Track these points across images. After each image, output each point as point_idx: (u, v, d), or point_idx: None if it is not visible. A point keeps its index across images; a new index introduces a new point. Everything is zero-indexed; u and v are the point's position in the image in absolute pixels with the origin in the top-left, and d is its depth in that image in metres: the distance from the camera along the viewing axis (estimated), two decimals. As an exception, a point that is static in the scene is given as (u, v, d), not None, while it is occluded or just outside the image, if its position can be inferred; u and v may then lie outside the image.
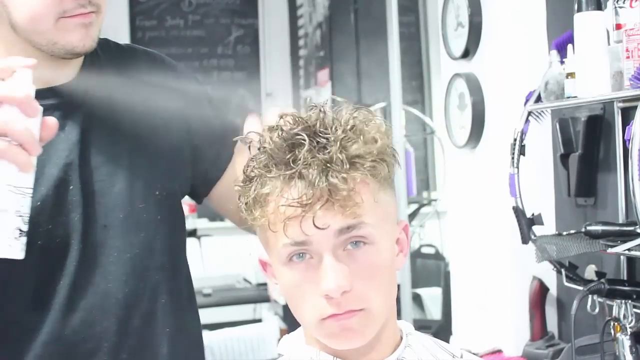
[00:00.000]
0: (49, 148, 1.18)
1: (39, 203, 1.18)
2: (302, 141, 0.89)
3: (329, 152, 0.88)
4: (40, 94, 1.15)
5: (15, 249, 1.04)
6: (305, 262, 0.91)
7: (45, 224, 1.19)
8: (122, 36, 5.20)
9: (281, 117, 0.93)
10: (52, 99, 1.22)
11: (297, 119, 0.92)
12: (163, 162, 1.30)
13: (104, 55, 1.30)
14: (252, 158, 0.94)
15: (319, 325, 0.92)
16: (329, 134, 0.90)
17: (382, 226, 0.92)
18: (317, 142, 0.89)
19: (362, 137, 0.90)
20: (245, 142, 0.96)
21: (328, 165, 0.87)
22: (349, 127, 0.90)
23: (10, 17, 1.16)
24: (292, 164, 0.88)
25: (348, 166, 0.88)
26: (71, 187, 1.21)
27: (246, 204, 0.93)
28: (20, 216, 1.03)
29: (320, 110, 0.92)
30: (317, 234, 0.88)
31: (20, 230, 1.03)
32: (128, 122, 1.27)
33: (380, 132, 0.92)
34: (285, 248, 0.90)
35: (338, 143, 0.88)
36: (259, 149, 0.94)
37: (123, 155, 1.26)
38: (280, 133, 0.91)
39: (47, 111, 1.17)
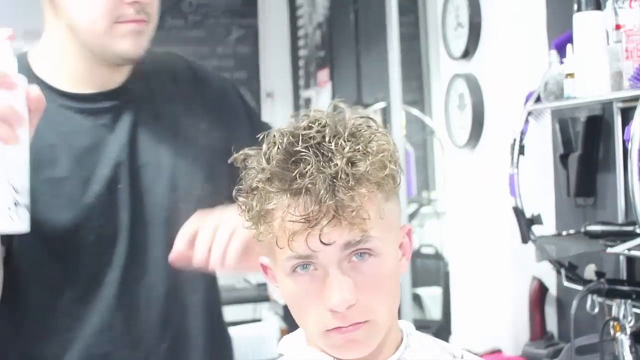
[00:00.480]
0: (100, 149, 1.29)
1: (92, 200, 1.26)
2: (307, 157, 0.87)
3: (335, 166, 0.86)
4: (94, 98, 1.30)
5: (16, 222, 1.05)
6: (309, 274, 0.90)
7: (97, 221, 1.27)
8: (122, 36, 5.20)
9: (280, 133, 0.91)
10: (104, 103, 1.31)
11: (298, 135, 0.89)
12: (202, 164, 1.37)
13: (148, 61, 1.35)
14: (253, 168, 0.91)
15: (323, 336, 0.91)
16: (335, 148, 0.87)
17: (387, 236, 0.91)
18: (323, 155, 0.87)
19: (369, 158, 0.88)
20: (236, 164, 0.95)
21: (334, 180, 0.86)
22: (358, 146, 0.88)
23: (69, 19, 1.24)
24: (298, 179, 0.86)
25: (354, 182, 0.86)
26: (120, 186, 1.29)
27: (250, 216, 0.92)
28: (14, 188, 1.04)
29: (324, 125, 0.90)
30: (322, 249, 0.87)
31: (17, 203, 1.05)
32: (171, 125, 1.36)
33: (389, 154, 0.90)
34: (289, 261, 0.89)
35: (345, 159, 0.87)
36: (255, 166, 0.91)
37: (167, 156, 1.33)
38: (279, 149, 0.89)
39: (99, 114, 1.30)
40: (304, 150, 0.87)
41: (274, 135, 0.91)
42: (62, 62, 1.29)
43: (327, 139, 0.88)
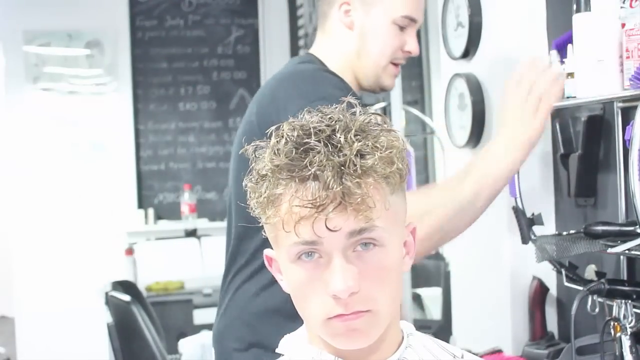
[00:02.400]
0: None
1: None
2: (316, 147, 0.89)
3: (344, 155, 0.88)
4: None
5: None
6: (314, 261, 0.91)
7: None
8: (122, 36, 5.20)
9: (291, 126, 0.92)
10: None
11: (309, 128, 0.91)
12: None
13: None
14: (263, 157, 0.93)
15: (324, 324, 0.92)
16: (344, 140, 0.89)
17: (392, 229, 0.92)
18: (332, 146, 0.89)
19: (378, 153, 0.89)
20: (247, 155, 0.96)
21: (342, 168, 0.87)
22: (367, 141, 0.90)
23: (364, 47, 1.63)
24: (308, 166, 0.88)
25: (361, 172, 0.88)
26: None
27: (258, 202, 0.93)
28: None
29: (335, 120, 0.92)
30: (328, 235, 0.88)
31: None
32: None
33: (397, 151, 0.92)
34: (295, 246, 0.90)
35: (354, 150, 0.88)
36: (265, 157, 0.93)
37: None
38: (287, 141, 0.90)
39: None
40: (313, 141, 0.89)
41: (284, 129, 0.92)
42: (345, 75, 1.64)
43: (337, 133, 0.90)
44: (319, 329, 0.93)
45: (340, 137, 0.89)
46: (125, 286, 3.52)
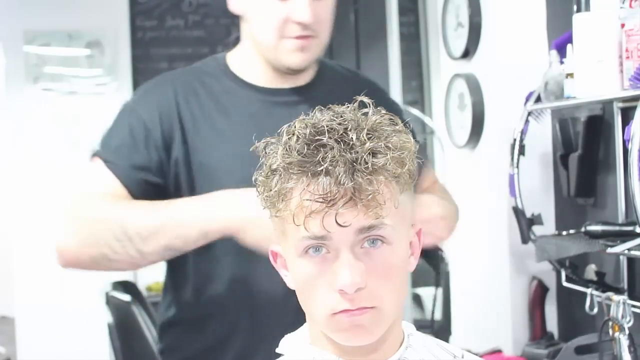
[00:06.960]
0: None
1: None
2: (329, 144, 0.89)
3: (356, 152, 0.88)
4: (281, 92, 1.52)
5: None
6: (321, 256, 0.91)
7: None
8: (122, 36, 5.20)
9: (303, 124, 0.92)
10: (290, 97, 1.52)
11: (321, 126, 0.91)
12: None
13: (330, 73, 1.59)
14: (275, 153, 0.93)
15: (329, 319, 0.92)
16: (356, 138, 0.90)
17: (400, 227, 0.93)
18: (344, 143, 0.89)
19: (390, 153, 0.90)
20: (257, 153, 0.96)
21: (354, 164, 0.88)
22: (380, 142, 0.90)
23: (252, 31, 1.52)
24: (320, 161, 0.89)
25: (372, 170, 0.88)
26: None
27: (268, 196, 0.93)
28: None
29: (347, 119, 0.92)
30: (337, 230, 0.89)
31: None
32: None
33: (409, 152, 0.92)
34: (303, 241, 0.91)
35: (366, 149, 0.89)
36: (276, 152, 0.93)
37: None
38: (299, 139, 0.91)
39: (286, 105, 1.50)
40: (326, 138, 0.90)
41: (295, 126, 0.92)
42: (255, 63, 1.53)
43: (349, 132, 0.91)
44: (324, 324, 0.94)
45: (352, 136, 0.90)
46: (126, 286, 3.51)
